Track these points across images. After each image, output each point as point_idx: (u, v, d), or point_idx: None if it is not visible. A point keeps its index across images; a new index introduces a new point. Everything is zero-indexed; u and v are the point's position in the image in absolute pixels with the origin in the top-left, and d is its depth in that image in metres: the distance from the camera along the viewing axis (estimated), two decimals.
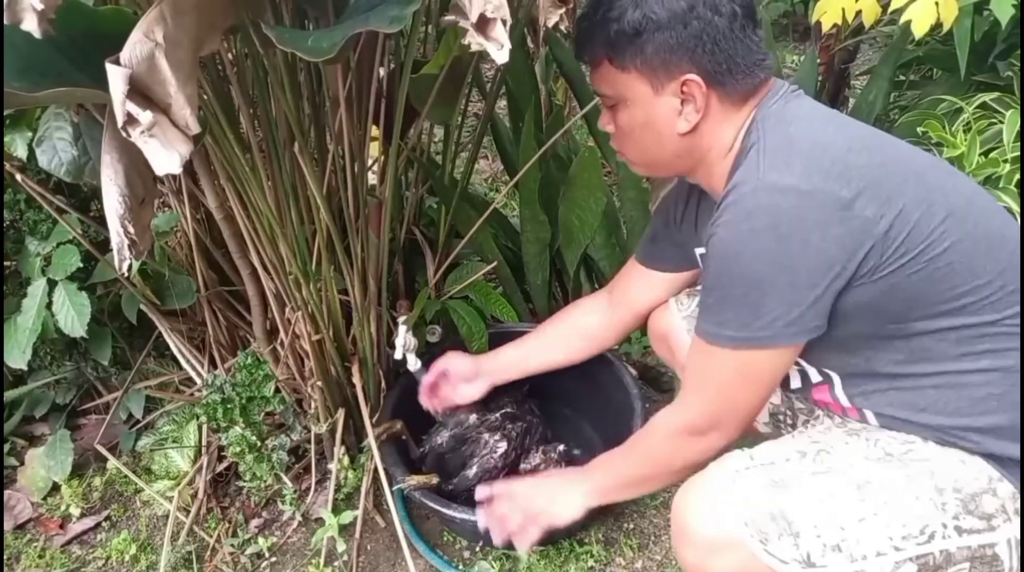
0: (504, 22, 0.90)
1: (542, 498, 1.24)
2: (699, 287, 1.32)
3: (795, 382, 1.14)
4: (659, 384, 1.86)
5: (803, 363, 1.09)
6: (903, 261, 0.90)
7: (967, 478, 0.96)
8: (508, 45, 0.90)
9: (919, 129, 1.56)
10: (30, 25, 0.77)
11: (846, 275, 0.90)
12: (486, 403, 1.55)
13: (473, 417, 1.54)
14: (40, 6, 0.76)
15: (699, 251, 1.21)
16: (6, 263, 1.63)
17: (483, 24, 0.90)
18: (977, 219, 0.94)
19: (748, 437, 1.27)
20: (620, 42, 0.98)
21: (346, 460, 1.58)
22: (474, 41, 0.91)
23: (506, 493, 1.27)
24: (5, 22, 0.77)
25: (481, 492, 1.30)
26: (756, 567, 0.95)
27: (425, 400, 1.55)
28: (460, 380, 1.51)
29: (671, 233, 1.29)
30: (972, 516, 0.94)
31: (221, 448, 1.61)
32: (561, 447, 1.53)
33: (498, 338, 1.66)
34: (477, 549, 1.51)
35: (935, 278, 0.91)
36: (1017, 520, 0.95)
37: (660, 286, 1.37)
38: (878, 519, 0.93)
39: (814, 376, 1.10)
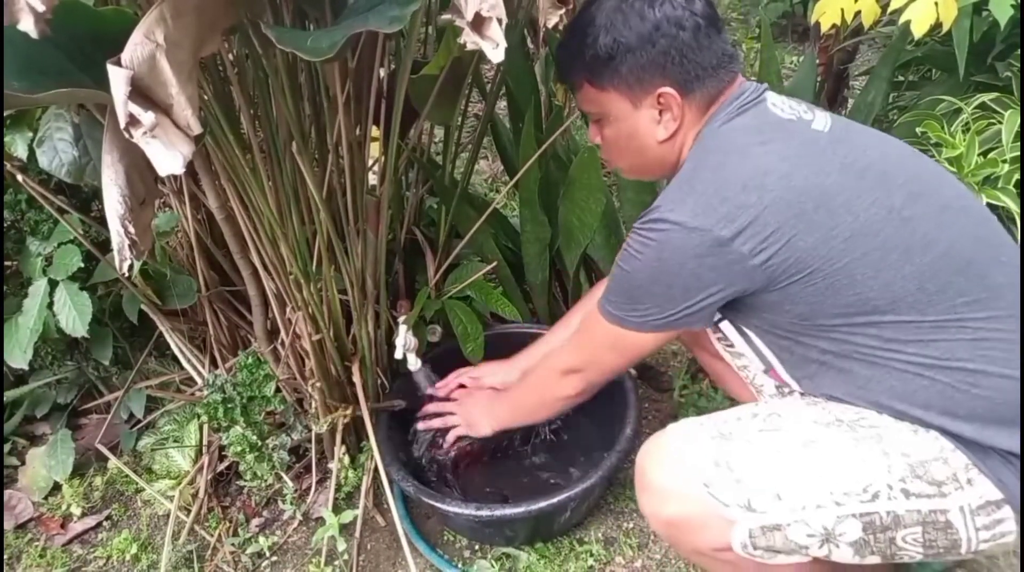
0: (500, 21, 0.90)
1: (475, 415, 1.49)
2: None
3: (758, 370, 1.20)
4: (658, 382, 1.87)
5: (749, 355, 1.16)
6: (795, 278, 0.99)
7: (917, 445, 0.99)
8: (503, 44, 0.91)
9: (918, 129, 1.57)
10: (27, 25, 0.77)
11: (725, 294, 1.02)
12: None
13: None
14: (41, 7, 0.76)
15: None
16: (7, 263, 1.63)
17: (479, 23, 0.91)
18: (894, 232, 0.98)
19: None
20: (596, 66, 1.08)
21: (346, 460, 1.58)
22: (470, 40, 0.91)
23: (460, 400, 1.53)
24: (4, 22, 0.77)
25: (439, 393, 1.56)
26: (700, 510, 1.01)
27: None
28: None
29: None
30: (920, 480, 0.97)
31: (222, 447, 1.62)
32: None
33: (498, 339, 1.67)
34: (477, 548, 1.52)
35: (836, 288, 0.98)
36: (971, 489, 0.97)
37: None
38: (820, 473, 0.98)
39: (762, 364, 1.16)
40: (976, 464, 0.97)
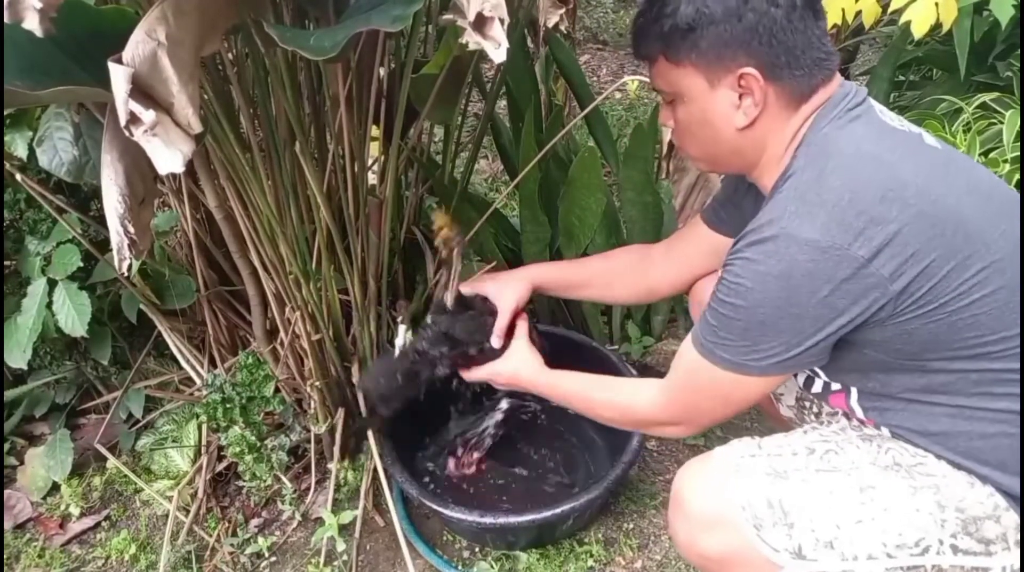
0: (502, 21, 0.90)
1: (517, 374, 1.29)
2: None
3: (816, 386, 1.13)
4: None
5: (822, 374, 1.09)
6: (921, 312, 0.90)
7: (972, 501, 0.96)
8: (505, 44, 0.90)
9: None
10: (31, 24, 0.77)
11: (854, 323, 0.91)
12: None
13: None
14: (40, 4, 0.76)
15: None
16: (6, 263, 1.63)
17: (480, 23, 0.90)
18: (1016, 270, 0.92)
19: (769, 422, 1.27)
20: (674, 38, 0.98)
21: (346, 460, 1.58)
22: (471, 40, 0.91)
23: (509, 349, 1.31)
24: (6, 20, 0.77)
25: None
26: (745, 550, 0.96)
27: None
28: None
29: (739, 199, 1.24)
30: (970, 538, 0.94)
31: (221, 448, 1.62)
32: None
33: None
34: (477, 549, 1.51)
35: (957, 327, 0.91)
36: (1017, 551, 0.95)
37: (720, 251, 1.31)
38: (875, 524, 0.94)
39: (834, 385, 1.09)
40: None
